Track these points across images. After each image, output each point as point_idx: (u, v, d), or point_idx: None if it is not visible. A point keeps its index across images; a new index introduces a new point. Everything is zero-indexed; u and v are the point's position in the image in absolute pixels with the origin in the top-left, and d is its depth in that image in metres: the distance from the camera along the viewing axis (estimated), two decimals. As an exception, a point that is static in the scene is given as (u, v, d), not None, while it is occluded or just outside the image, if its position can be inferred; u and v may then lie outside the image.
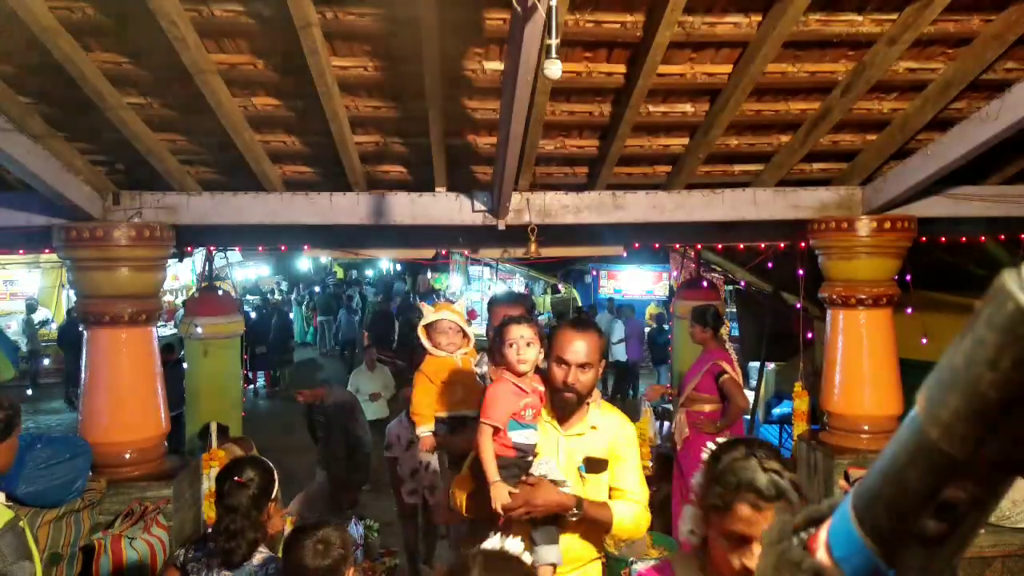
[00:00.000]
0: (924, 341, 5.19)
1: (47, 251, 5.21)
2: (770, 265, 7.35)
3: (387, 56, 3.55)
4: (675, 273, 13.20)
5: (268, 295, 20.14)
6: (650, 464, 5.37)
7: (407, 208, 4.75)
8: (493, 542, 1.76)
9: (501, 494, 2.43)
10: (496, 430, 2.52)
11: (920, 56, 3.76)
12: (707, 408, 5.16)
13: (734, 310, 10.74)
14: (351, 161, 4.29)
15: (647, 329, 13.89)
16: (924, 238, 5.22)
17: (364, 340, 10.54)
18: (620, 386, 12.81)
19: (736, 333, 10.48)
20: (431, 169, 4.50)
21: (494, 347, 2.90)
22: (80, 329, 4.77)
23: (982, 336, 0.52)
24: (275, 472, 2.73)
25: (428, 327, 3.47)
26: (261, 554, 2.59)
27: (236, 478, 2.61)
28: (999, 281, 0.52)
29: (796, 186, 4.97)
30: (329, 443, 6.36)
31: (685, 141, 4.45)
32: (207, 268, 7.94)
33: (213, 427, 5.01)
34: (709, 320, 5.33)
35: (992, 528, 4.26)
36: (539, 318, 16.61)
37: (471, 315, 17.12)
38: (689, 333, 5.53)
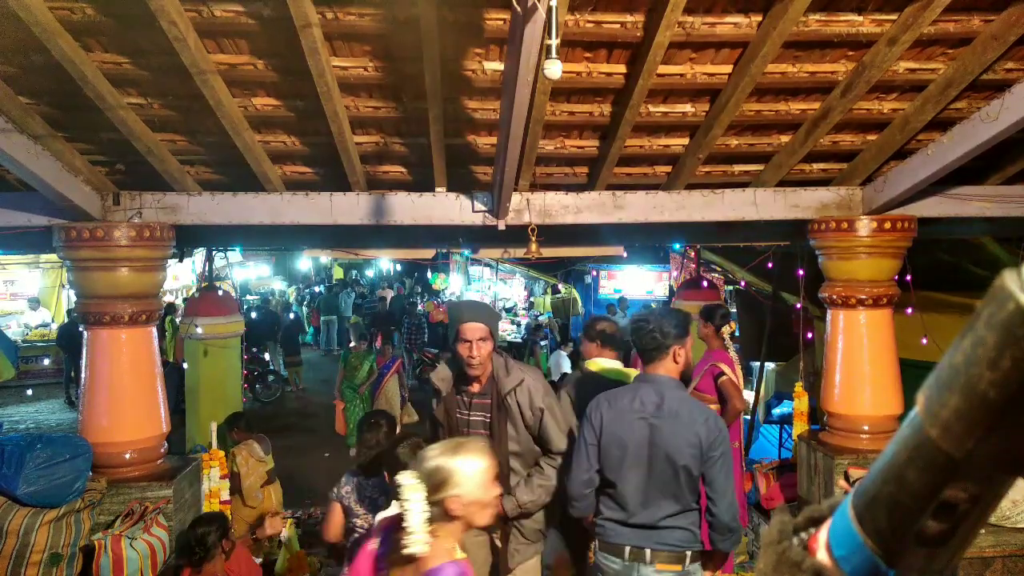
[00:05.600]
0: (924, 341, 5.19)
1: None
2: (770, 265, 7.36)
3: (387, 56, 3.55)
4: (675, 273, 13.17)
5: (269, 296, 20.14)
6: None
7: (407, 208, 4.75)
8: None
9: None
10: None
11: (920, 56, 3.76)
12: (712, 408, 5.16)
13: (734, 310, 10.74)
14: (351, 161, 4.29)
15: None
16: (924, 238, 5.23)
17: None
18: None
19: (736, 333, 10.47)
20: (431, 169, 4.50)
21: None
22: (80, 329, 4.77)
23: (982, 336, 0.52)
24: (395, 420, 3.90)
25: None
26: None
27: (372, 420, 3.78)
28: (999, 281, 0.52)
29: (796, 186, 4.98)
30: None
31: (685, 141, 4.46)
32: (207, 268, 7.94)
33: (213, 427, 5.01)
34: (716, 318, 5.37)
35: (992, 528, 4.27)
36: (539, 318, 16.65)
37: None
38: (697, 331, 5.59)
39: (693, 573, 3.16)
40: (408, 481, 2.02)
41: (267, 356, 13.50)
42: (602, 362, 4.16)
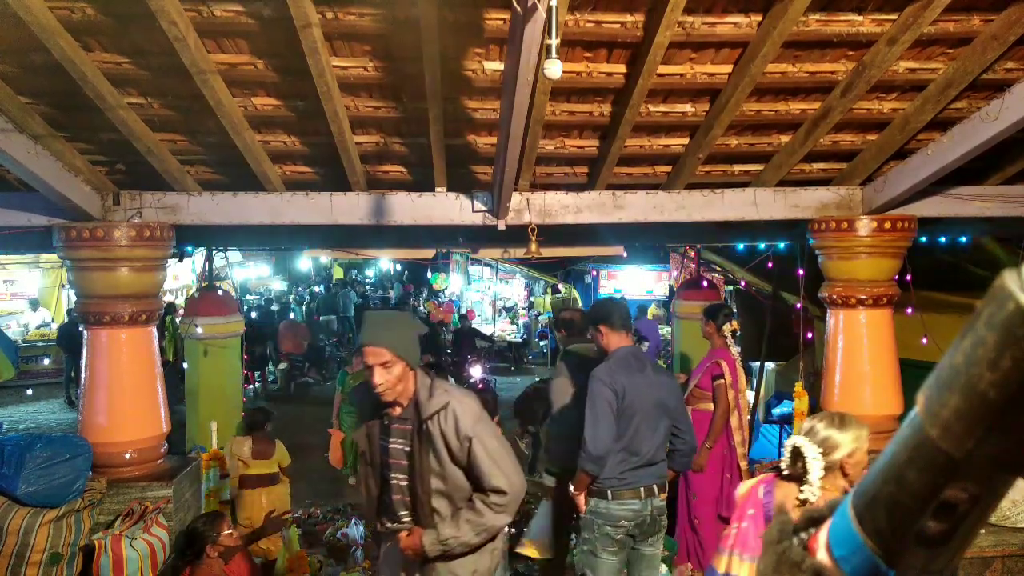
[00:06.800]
0: (924, 341, 5.19)
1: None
2: (770, 265, 7.36)
3: (387, 56, 3.55)
4: (675, 273, 13.16)
5: (270, 297, 20.10)
6: None
7: (407, 208, 4.75)
8: None
9: None
10: None
11: (920, 56, 3.76)
12: (712, 407, 5.16)
13: (734, 310, 10.70)
14: (351, 161, 4.29)
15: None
16: (924, 238, 5.23)
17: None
18: None
19: (738, 332, 10.40)
20: (431, 169, 4.50)
21: None
22: (80, 329, 4.77)
23: (982, 336, 0.52)
24: None
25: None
26: None
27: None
28: (999, 281, 0.52)
29: (796, 186, 4.97)
30: None
31: (685, 141, 4.46)
32: (207, 268, 7.94)
33: (213, 427, 5.01)
34: (719, 317, 5.38)
35: (992, 528, 4.26)
36: (539, 318, 16.65)
37: (469, 315, 16.97)
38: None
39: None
40: (806, 443, 2.56)
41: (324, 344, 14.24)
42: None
